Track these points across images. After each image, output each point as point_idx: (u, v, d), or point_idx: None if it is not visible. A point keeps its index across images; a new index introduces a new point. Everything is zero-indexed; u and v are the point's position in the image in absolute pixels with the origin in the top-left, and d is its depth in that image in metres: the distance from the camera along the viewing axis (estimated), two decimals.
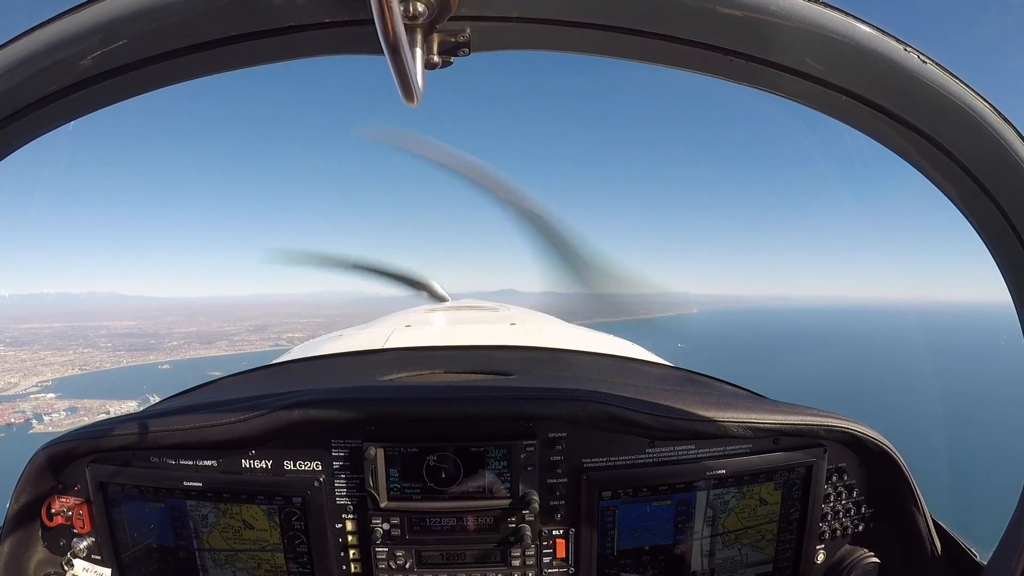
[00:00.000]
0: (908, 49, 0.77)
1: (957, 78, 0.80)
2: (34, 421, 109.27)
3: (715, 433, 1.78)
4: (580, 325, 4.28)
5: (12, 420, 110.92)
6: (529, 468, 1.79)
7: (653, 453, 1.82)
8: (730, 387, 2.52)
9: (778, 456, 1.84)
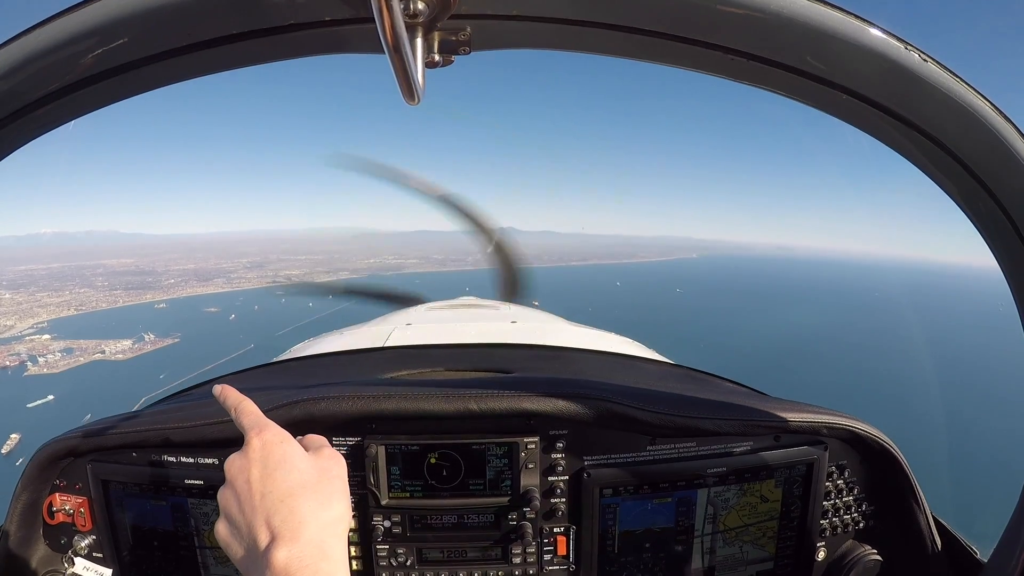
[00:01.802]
0: (909, 48, 0.76)
1: (958, 77, 0.80)
2: (29, 363, 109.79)
3: (716, 430, 1.77)
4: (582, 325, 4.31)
5: (7, 363, 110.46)
6: (530, 465, 1.77)
7: (654, 451, 1.81)
8: (730, 384, 2.51)
9: (779, 453, 1.83)
